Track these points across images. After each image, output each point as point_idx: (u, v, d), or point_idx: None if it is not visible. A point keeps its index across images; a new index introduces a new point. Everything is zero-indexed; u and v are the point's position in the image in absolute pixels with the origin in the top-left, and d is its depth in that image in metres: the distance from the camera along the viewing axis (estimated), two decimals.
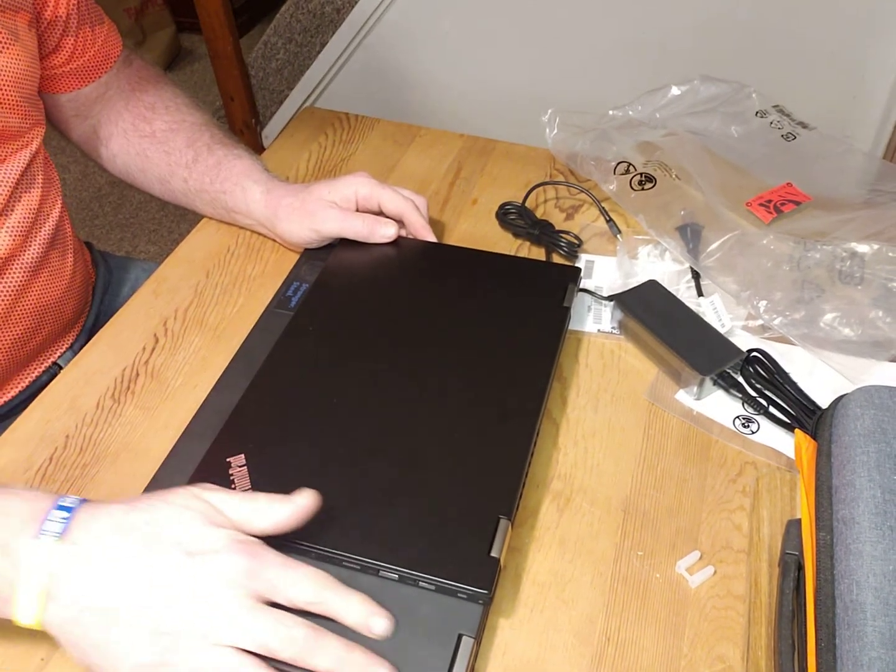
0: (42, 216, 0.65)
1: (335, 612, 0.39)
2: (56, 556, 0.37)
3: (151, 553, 0.38)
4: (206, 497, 0.41)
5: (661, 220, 0.66)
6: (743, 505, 0.50)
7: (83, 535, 0.38)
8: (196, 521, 0.39)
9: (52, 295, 0.67)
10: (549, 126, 0.76)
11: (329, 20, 1.57)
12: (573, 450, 0.53)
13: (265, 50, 1.70)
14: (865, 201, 0.66)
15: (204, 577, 0.37)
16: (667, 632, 0.44)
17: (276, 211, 0.65)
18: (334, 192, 0.64)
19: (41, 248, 0.64)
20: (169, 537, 0.38)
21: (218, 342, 0.62)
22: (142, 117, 0.72)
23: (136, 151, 0.72)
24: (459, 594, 0.42)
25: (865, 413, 0.43)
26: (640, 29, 1.37)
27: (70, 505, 0.39)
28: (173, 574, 0.38)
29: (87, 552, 0.38)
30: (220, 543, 0.38)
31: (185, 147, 0.70)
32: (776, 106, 0.76)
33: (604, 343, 0.61)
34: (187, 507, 0.40)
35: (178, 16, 2.46)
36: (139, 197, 1.97)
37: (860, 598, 0.37)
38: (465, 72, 1.54)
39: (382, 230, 0.63)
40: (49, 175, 0.67)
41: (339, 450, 0.48)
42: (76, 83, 0.69)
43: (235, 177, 0.67)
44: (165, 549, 0.38)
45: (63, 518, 0.38)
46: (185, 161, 0.69)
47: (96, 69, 0.69)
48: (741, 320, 0.61)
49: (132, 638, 0.37)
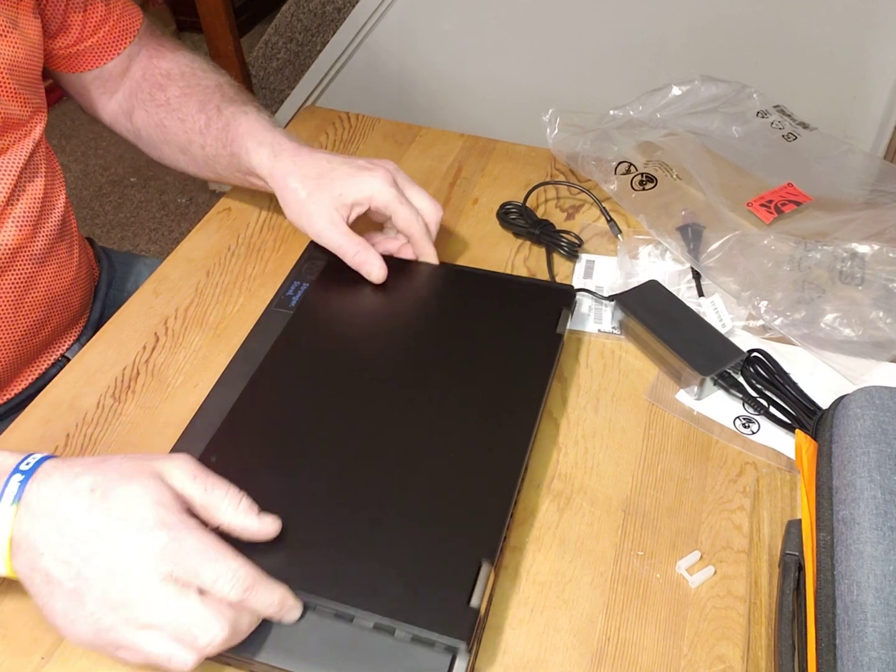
0: (48, 206, 0.65)
1: (253, 609, 0.39)
2: (12, 519, 0.39)
3: (84, 521, 0.38)
4: (171, 483, 0.40)
5: (661, 220, 0.66)
6: (743, 505, 0.50)
7: (34, 497, 0.39)
8: (144, 502, 0.39)
9: (60, 286, 0.67)
10: (550, 126, 0.76)
11: (330, 19, 1.57)
12: (573, 449, 0.53)
13: (266, 49, 1.70)
14: (866, 202, 0.66)
15: (121, 552, 0.37)
16: (667, 632, 0.44)
17: (280, 191, 0.61)
18: (347, 194, 0.59)
19: (48, 238, 0.64)
20: (107, 509, 0.38)
21: (218, 341, 0.62)
22: (157, 86, 0.69)
23: (155, 122, 0.68)
24: (436, 645, 0.40)
25: (866, 413, 0.43)
26: (640, 29, 1.37)
27: (26, 468, 0.40)
28: (97, 545, 0.38)
29: (35, 514, 0.39)
30: (150, 522, 0.38)
31: (198, 112, 0.66)
32: (777, 106, 0.76)
33: (604, 343, 0.61)
34: (145, 488, 0.39)
35: (179, 15, 2.47)
36: (140, 196, 1.97)
37: (860, 598, 0.37)
38: (466, 71, 1.54)
39: (368, 269, 0.59)
40: (52, 165, 0.66)
41: (315, 483, 0.46)
42: (97, 60, 0.67)
43: (241, 137, 0.62)
44: (95, 520, 0.38)
45: (20, 481, 0.39)
46: (199, 126, 0.65)
47: (116, 44, 0.67)
48: (742, 320, 0.61)
49: (69, 609, 0.38)
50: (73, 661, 0.44)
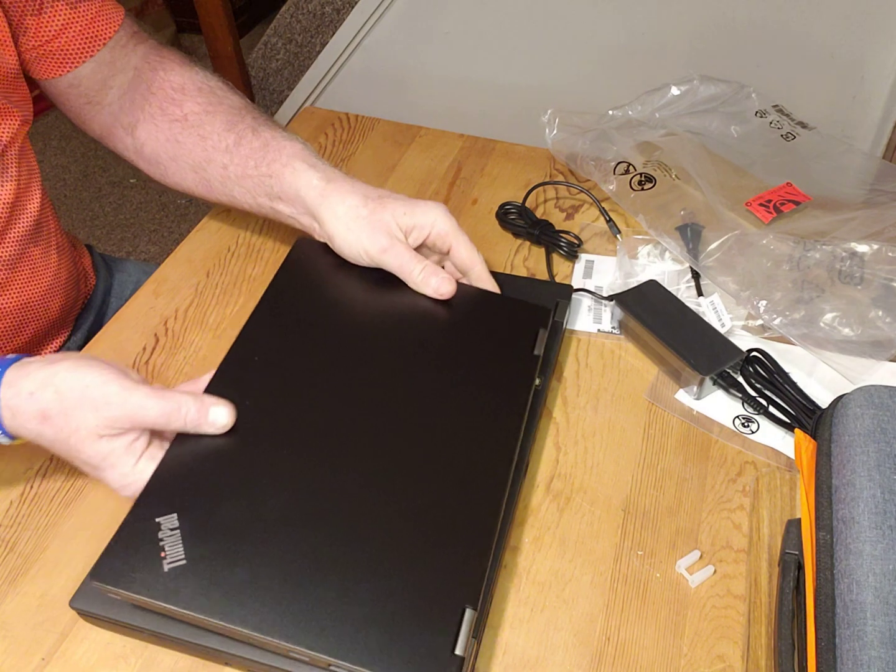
0: (18, 210, 0.63)
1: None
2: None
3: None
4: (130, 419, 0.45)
5: (660, 219, 0.66)
6: (743, 504, 0.50)
7: (7, 391, 0.46)
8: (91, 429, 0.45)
9: (35, 292, 0.66)
10: (549, 126, 0.76)
11: (329, 20, 1.57)
12: (573, 449, 0.53)
13: (265, 50, 1.70)
14: (865, 201, 0.66)
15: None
16: (667, 631, 0.44)
17: (334, 208, 0.58)
18: (411, 216, 0.57)
19: (18, 243, 0.63)
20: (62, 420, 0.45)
21: (218, 342, 0.62)
22: (170, 100, 0.66)
23: (166, 137, 0.65)
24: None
25: (865, 413, 0.43)
26: (639, 29, 1.37)
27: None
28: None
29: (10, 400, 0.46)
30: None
31: (225, 130, 0.63)
32: (776, 106, 0.76)
33: (604, 343, 0.61)
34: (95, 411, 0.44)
35: (178, 16, 2.46)
36: (139, 197, 1.97)
37: (860, 597, 0.37)
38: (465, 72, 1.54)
39: (437, 284, 0.56)
40: (26, 167, 0.64)
41: (287, 527, 0.43)
42: (61, 66, 0.63)
43: (286, 158, 0.60)
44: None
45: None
46: (226, 145, 0.63)
47: (82, 50, 0.63)
48: (741, 320, 0.61)
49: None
50: (73, 662, 0.44)
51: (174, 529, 0.42)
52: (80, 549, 0.49)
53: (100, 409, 0.44)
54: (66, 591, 0.46)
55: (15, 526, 0.50)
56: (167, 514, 0.42)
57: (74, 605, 0.43)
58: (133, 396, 0.45)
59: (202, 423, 0.46)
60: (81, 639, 0.45)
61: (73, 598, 0.43)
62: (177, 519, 0.42)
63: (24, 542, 0.49)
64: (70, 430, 0.45)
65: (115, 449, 0.45)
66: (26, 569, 0.48)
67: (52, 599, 0.46)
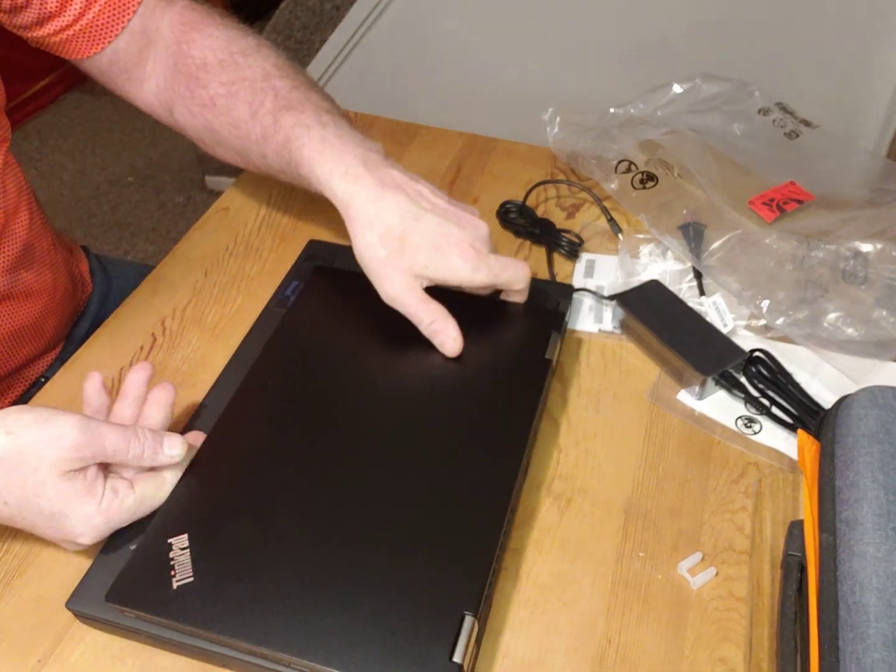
0: (4, 238, 0.60)
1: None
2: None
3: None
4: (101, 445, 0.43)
5: (662, 218, 0.66)
6: (745, 506, 0.50)
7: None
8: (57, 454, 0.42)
9: (28, 316, 0.63)
10: (550, 124, 0.76)
11: (328, 17, 1.57)
12: (574, 450, 0.53)
13: None
14: (869, 200, 0.66)
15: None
16: (668, 634, 0.44)
17: (354, 239, 0.54)
18: (434, 271, 0.52)
19: (7, 273, 0.60)
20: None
21: (216, 341, 0.61)
22: (195, 80, 0.59)
23: (202, 125, 0.60)
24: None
25: (869, 414, 0.43)
26: (641, 27, 1.36)
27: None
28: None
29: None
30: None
31: (250, 118, 0.57)
32: (779, 103, 0.76)
33: (605, 343, 0.60)
34: (59, 439, 0.42)
35: None
36: (137, 195, 1.97)
37: (863, 599, 0.37)
38: (466, 70, 1.54)
39: (442, 339, 0.53)
40: (14, 185, 0.61)
41: (286, 533, 0.43)
42: (97, 42, 0.59)
43: (306, 162, 0.54)
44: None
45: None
46: (255, 136, 0.57)
47: (116, 19, 0.59)
48: (744, 320, 0.60)
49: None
50: (69, 664, 0.44)
51: (184, 549, 0.43)
52: (75, 551, 0.48)
53: (61, 437, 0.42)
54: (63, 592, 0.45)
55: (10, 527, 0.50)
56: (179, 534, 0.44)
57: (71, 606, 0.43)
58: (93, 423, 0.43)
59: (158, 451, 0.46)
60: (78, 641, 0.45)
61: (70, 600, 0.44)
62: (187, 539, 0.43)
63: (19, 543, 0.49)
64: (28, 470, 0.41)
65: (78, 490, 0.42)
66: (22, 570, 0.48)
67: (48, 601, 0.46)
